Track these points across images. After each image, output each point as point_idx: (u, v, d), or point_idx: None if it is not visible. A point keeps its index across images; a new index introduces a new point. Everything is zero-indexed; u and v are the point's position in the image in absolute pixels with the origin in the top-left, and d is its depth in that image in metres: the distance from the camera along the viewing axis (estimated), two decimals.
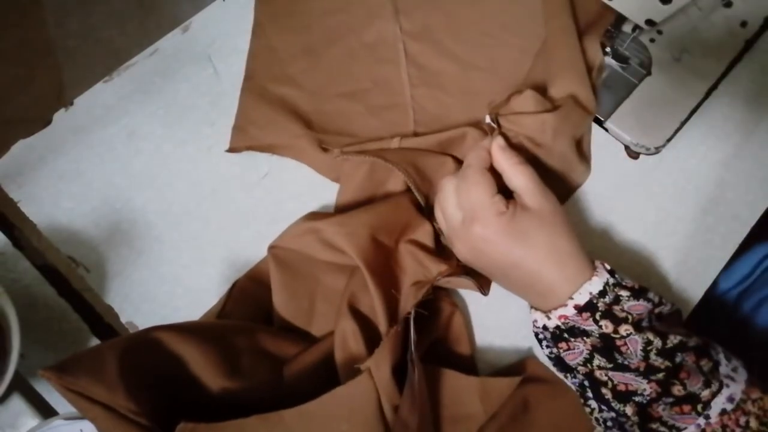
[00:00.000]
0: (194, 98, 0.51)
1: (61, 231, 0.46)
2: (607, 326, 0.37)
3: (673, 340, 0.37)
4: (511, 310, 0.45)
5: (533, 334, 0.42)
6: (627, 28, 0.54)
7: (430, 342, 0.43)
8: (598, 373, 0.38)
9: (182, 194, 0.48)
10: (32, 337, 0.43)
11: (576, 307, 0.37)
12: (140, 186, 0.48)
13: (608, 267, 0.39)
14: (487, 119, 0.43)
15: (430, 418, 0.40)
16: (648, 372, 0.37)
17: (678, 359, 0.37)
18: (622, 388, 0.37)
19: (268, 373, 0.40)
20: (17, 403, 0.39)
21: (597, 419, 0.40)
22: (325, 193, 0.49)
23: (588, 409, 0.40)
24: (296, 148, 0.49)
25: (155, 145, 0.50)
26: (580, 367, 0.39)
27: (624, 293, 0.38)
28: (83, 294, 0.45)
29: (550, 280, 0.39)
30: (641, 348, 0.37)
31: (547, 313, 0.39)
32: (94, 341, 0.44)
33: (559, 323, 0.38)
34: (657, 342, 0.37)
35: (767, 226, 0.51)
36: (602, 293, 0.37)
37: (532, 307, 0.41)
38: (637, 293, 0.38)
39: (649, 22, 0.51)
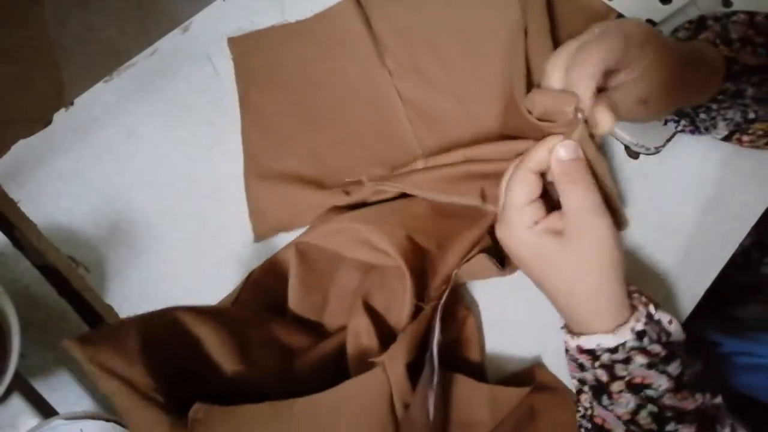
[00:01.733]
0: (194, 98, 0.51)
1: (61, 231, 0.46)
2: (603, 376, 0.36)
3: (673, 407, 0.35)
4: (521, 317, 0.46)
5: (534, 416, 0.42)
6: None
7: (444, 345, 0.43)
8: (583, 397, 0.38)
9: (182, 194, 0.48)
10: (32, 337, 0.43)
11: (578, 348, 0.36)
12: (140, 186, 0.48)
13: (639, 327, 0.35)
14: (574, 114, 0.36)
15: (441, 419, 0.40)
16: (630, 425, 0.35)
17: (669, 428, 0.35)
18: (598, 421, 0.37)
19: (278, 363, 0.40)
20: (17, 403, 0.39)
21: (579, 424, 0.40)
22: None
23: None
24: (314, 214, 0.47)
25: (155, 145, 0.50)
26: (573, 380, 0.39)
27: (640, 359, 0.35)
28: (83, 294, 0.45)
29: (565, 312, 0.37)
30: (633, 405, 0.35)
31: (572, 334, 0.38)
32: None
33: (563, 341, 0.38)
34: (651, 407, 0.35)
35: (767, 226, 0.51)
36: (613, 350, 0.35)
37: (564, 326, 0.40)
38: (662, 361, 0.35)
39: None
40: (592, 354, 0.36)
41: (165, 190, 0.48)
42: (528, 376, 0.44)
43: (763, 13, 0.43)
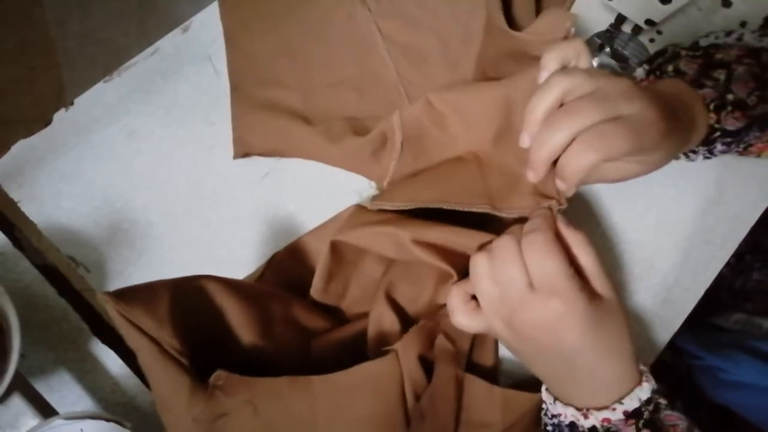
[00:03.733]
0: (194, 98, 0.51)
1: (61, 231, 0.46)
2: None
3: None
4: None
5: (541, 421, 0.40)
6: (627, 28, 0.54)
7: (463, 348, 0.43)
8: None
9: (182, 194, 0.48)
10: (32, 337, 0.43)
11: (625, 413, 0.35)
12: (140, 186, 0.48)
13: (645, 367, 0.37)
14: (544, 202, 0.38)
15: (450, 417, 0.40)
16: None
17: None
18: None
19: (297, 342, 0.41)
20: (17, 403, 0.39)
21: None
22: (325, 193, 0.49)
23: None
24: (303, 147, 0.49)
25: (155, 145, 0.50)
26: None
27: (662, 401, 0.36)
28: (83, 294, 0.45)
29: (605, 380, 0.36)
30: None
31: (583, 411, 0.36)
32: (94, 341, 0.44)
33: (598, 425, 0.36)
34: None
35: (763, 228, 0.51)
36: (648, 401, 0.35)
37: (555, 399, 0.38)
38: (671, 402, 0.36)
39: (649, 22, 0.51)
40: (637, 414, 0.35)
41: (165, 190, 0.48)
42: (541, 382, 0.44)
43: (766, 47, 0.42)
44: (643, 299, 0.48)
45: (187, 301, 0.37)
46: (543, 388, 0.39)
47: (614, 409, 0.35)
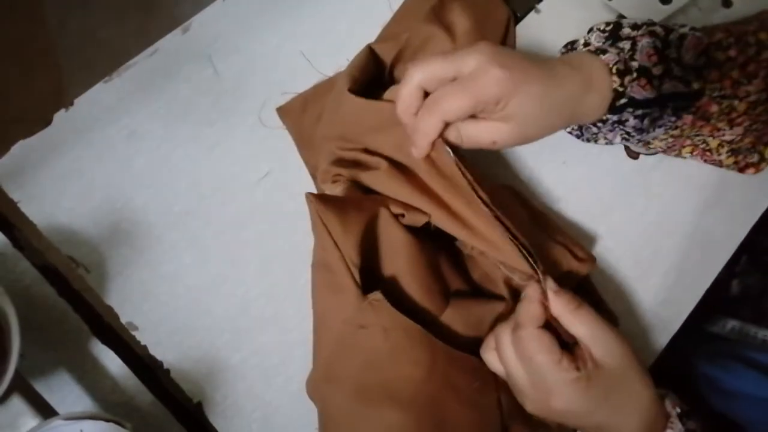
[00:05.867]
0: (194, 98, 0.51)
1: (61, 231, 0.46)
2: None
3: None
4: None
5: None
6: None
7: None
8: None
9: (182, 194, 0.48)
10: (32, 337, 0.43)
11: None
12: (140, 186, 0.48)
13: (678, 409, 0.37)
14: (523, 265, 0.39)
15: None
16: None
17: None
18: None
19: (440, 297, 0.42)
20: (17, 403, 0.39)
21: None
22: None
23: None
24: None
25: (155, 145, 0.50)
26: None
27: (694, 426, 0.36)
28: (83, 294, 0.45)
29: None
30: None
31: None
32: (94, 341, 0.44)
33: None
34: None
35: (767, 226, 0.51)
36: None
37: None
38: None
39: None
40: None
41: (165, 190, 0.48)
42: None
43: (676, 32, 0.42)
44: (642, 299, 0.48)
45: (371, 224, 0.41)
46: None
47: None
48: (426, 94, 0.38)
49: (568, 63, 0.40)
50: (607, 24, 0.45)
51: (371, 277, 0.41)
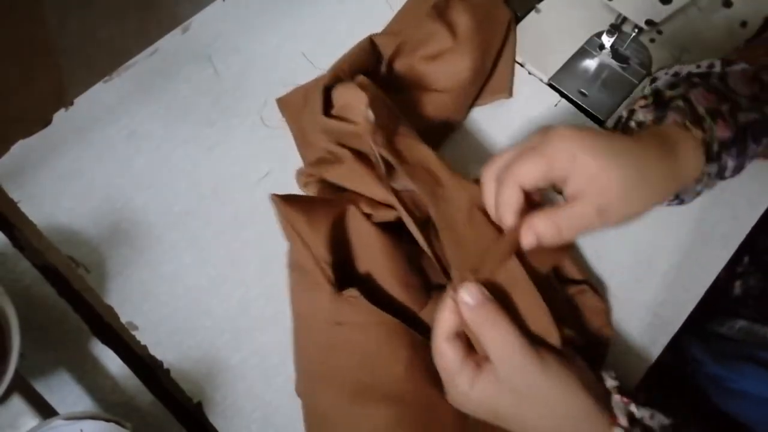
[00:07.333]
0: (194, 98, 0.51)
1: (61, 231, 0.46)
2: None
3: None
4: None
5: None
6: (627, 28, 0.54)
7: None
8: None
9: (182, 194, 0.48)
10: (32, 337, 0.43)
11: None
12: (140, 186, 0.48)
13: (632, 409, 0.34)
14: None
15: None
16: None
17: None
18: None
19: (419, 292, 0.43)
20: (17, 403, 0.39)
21: None
22: None
23: None
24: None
25: (155, 145, 0.50)
26: None
27: (650, 423, 0.34)
28: (83, 294, 0.45)
29: None
30: None
31: None
32: (94, 341, 0.44)
33: None
34: None
35: (763, 227, 0.51)
36: None
37: None
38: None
39: (649, 22, 0.51)
40: None
41: (165, 190, 0.48)
42: None
43: (714, 72, 0.42)
44: (643, 299, 0.48)
45: (339, 225, 0.41)
46: None
47: None
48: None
49: (639, 139, 0.38)
50: (645, 97, 0.44)
51: (349, 275, 0.41)
